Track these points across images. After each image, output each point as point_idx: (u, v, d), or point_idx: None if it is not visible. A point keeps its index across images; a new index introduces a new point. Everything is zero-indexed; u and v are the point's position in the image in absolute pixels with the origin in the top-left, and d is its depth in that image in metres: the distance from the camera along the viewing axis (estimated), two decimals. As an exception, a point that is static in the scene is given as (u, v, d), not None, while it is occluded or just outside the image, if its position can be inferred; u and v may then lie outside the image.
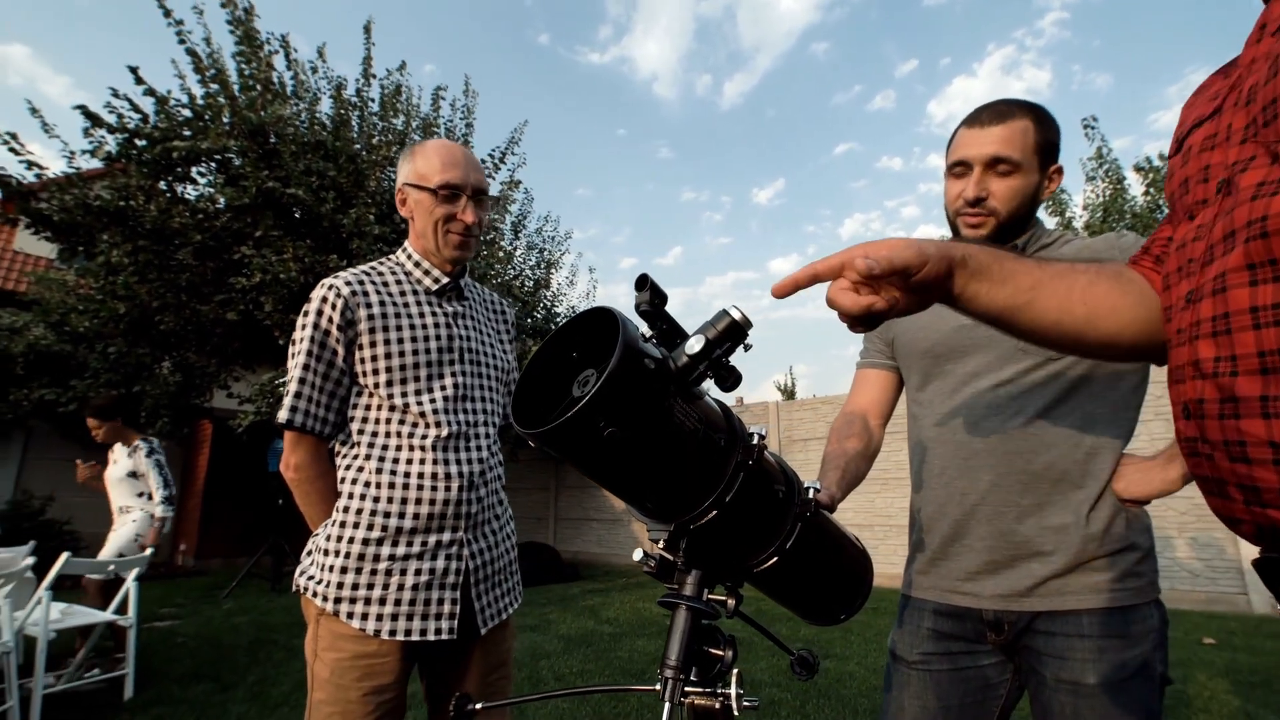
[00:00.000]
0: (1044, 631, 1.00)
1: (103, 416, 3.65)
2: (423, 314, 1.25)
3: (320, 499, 1.21)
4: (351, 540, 1.15)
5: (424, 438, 1.19)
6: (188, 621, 5.05)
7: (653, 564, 0.65)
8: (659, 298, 0.58)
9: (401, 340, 1.20)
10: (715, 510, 0.59)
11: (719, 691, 0.61)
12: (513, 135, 7.48)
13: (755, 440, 0.61)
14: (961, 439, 1.09)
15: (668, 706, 0.58)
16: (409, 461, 1.18)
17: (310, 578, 1.18)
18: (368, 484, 1.17)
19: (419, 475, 1.18)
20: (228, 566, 8.53)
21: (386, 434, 1.20)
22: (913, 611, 1.13)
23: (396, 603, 1.14)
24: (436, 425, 1.20)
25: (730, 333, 0.56)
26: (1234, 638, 4.37)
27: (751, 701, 0.62)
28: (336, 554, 1.15)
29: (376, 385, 1.19)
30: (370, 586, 1.13)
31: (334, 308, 1.18)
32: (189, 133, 5.26)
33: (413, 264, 1.30)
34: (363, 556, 1.14)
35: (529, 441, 0.51)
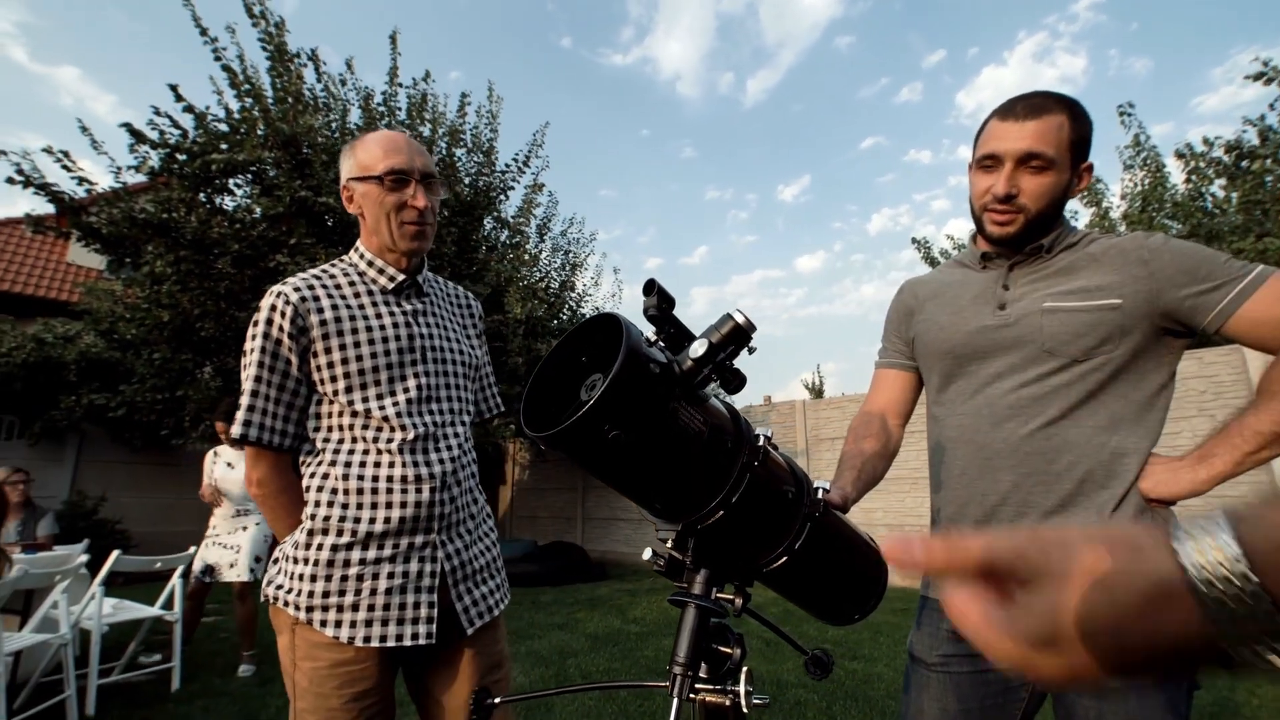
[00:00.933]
0: None
1: (230, 420, 3.80)
2: (379, 315, 1.19)
3: (287, 513, 1.17)
4: (320, 547, 1.11)
5: (389, 441, 1.14)
6: (230, 617, 5.24)
7: (662, 563, 0.66)
8: (666, 302, 0.59)
9: (359, 344, 1.15)
10: (722, 511, 0.60)
11: (729, 689, 0.62)
12: (534, 138, 7.58)
13: (761, 441, 0.62)
14: (983, 440, 1.08)
15: (676, 702, 0.59)
16: (377, 465, 1.14)
17: (279, 587, 1.13)
18: (334, 490, 1.12)
19: (388, 479, 1.13)
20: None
21: (352, 440, 1.15)
22: (931, 612, 1.13)
23: (370, 608, 1.09)
24: (402, 429, 1.15)
25: (734, 336, 0.57)
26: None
27: (762, 699, 0.63)
28: (306, 561, 1.11)
29: (335, 393, 1.14)
30: (342, 593, 1.09)
31: (284, 315, 1.12)
32: (226, 146, 5.47)
33: (366, 263, 1.24)
34: (332, 563, 1.10)
35: (538, 444, 0.53)
